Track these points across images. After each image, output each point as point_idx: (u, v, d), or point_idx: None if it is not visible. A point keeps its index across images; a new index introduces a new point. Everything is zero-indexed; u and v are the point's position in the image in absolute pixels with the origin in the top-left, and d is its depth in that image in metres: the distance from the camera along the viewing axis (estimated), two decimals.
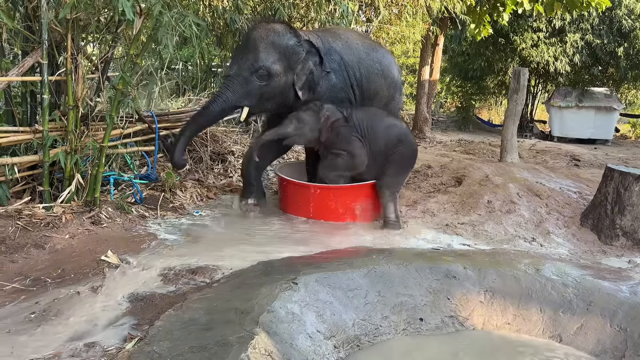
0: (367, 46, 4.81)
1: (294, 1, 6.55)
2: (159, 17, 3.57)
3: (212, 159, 5.89)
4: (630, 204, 4.19)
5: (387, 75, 4.87)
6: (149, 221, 4.17)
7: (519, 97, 6.95)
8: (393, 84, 4.95)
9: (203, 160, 5.70)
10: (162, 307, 2.69)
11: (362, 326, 2.87)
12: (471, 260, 3.42)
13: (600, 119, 14.96)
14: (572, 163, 9.55)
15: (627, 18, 13.63)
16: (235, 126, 6.84)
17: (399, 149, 4.47)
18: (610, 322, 2.87)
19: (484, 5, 11.06)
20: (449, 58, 18.33)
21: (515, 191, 4.87)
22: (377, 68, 4.76)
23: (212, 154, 5.91)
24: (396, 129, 4.56)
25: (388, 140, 4.45)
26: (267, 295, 2.66)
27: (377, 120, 4.53)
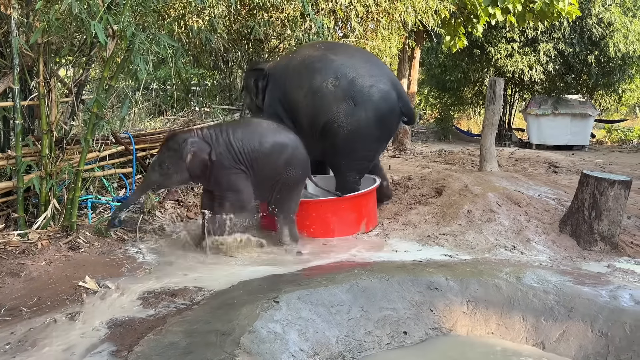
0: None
1: (269, 19, 6.59)
2: (132, 39, 3.55)
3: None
4: (607, 209, 4.25)
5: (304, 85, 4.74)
6: (128, 244, 4.12)
7: (496, 107, 7.04)
8: (311, 91, 4.67)
9: None
10: (142, 332, 2.64)
11: (345, 342, 2.84)
12: (453, 271, 3.42)
13: (576, 126, 15.23)
14: (551, 170, 9.68)
15: (597, 27, 13.95)
16: None
17: (288, 171, 4.07)
18: (592, 327, 2.88)
19: (458, 18, 11.24)
20: (426, 70, 18.58)
21: (495, 200, 4.91)
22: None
23: None
24: (283, 148, 4.05)
25: (275, 164, 4.02)
26: (248, 315, 2.63)
27: (261, 138, 4.00)
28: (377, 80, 4.67)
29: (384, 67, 5.04)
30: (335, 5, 6.95)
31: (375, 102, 4.60)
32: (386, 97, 4.65)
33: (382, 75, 4.74)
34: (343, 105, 4.59)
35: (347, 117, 4.58)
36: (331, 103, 4.60)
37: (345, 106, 4.59)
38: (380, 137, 4.84)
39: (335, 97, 4.61)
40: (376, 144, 4.88)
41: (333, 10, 7.18)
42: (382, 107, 4.62)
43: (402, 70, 12.82)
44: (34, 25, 3.68)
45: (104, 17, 3.38)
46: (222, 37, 6.26)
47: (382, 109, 4.62)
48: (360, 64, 4.73)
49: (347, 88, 4.59)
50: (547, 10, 10.31)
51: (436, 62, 17.11)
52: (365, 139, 4.68)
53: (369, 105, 4.58)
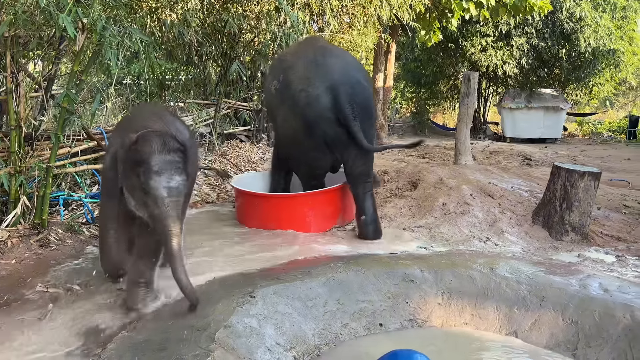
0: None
1: (243, 13, 6.54)
2: (103, 33, 3.48)
3: None
4: (577, 200, 4.33)
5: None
6: None
7: (470, 101, 7.12)
8: (265, 92, 4.55)
9: None
10: (115, 329, 2.61)
11: (322, 335, 2.85)
12: (428, 263, 3.46)
13: (549, 119, 15.50)
14: (524, 162, 9.85)
15: (569, 21, 14.19)
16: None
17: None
18: (562, 315, 2.94)
19: (432, 12, 11.33)
20: (402, 65, 18.68)
21: (469, 193, 4.97)
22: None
23: None
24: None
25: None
26: (223, 310, 2.62)
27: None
28: (309, 83, 4.16)
29: (332, 67, 4.26)
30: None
31: (301, 108, 4.17)
32: (312, 103, 4.12)
33: (317, 78, 4.17)
34: (280, 111, 4.44)
35: (283, 123, 4.41)
36: (274, 107, 4.54)
37: (282, 111, 4.41)
38: (316, 147, 4.25)
39: (276, 101, 4.48)
40: (313, 153, 4.32)
41: (308, 4, 7.17)
42: (307, 114, 4.15)
43: (378, 65, 12.88)
44: (0, 18, 3.58)
45: (73, 10, 3.30)
46: (195, 31, 6.19)
47: (307, 115, 4.16)
48: (305, 64, 4.32)
49: (283, 92, 4.37)
50: (520, 5, 10.47)
51: (412, 57, 17.22)
52: (300, 147, 4.37)
53: (297, 111, 4.21)
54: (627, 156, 11.91)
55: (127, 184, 2.58)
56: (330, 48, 4.63)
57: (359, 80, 4.26)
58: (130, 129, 2.65)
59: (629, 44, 16.60)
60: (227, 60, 7.29)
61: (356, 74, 4.32)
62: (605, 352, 2.69)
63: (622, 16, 16.27)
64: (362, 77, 4.38)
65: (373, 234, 4.29)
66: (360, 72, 4.46)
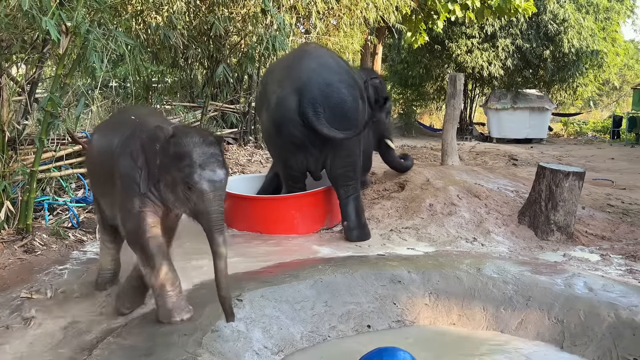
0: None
1: (229, 15, 6.53)
2: (87, 36, 3.45)
3: None
4: (562, 200, 4.38)
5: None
6: (87, 245, 4.02)
7: (456, 102, 7.14)
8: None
9: None
10: (101, 335, 2.59)
11: (310, 338, 2.85)
12: (415, 264, 3.47)
13: (534, 119, 15.64)
14: (511, 163, 9.92)
15: (553, 23, 14.35)
16: None
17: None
18: (548, 315, 2.97)
19: (418, 14, 11.39)
20: (388, 66, 18.76)
21: (456, 193, 4.99)
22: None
23: None
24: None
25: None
26: (210, 314, 2.61)
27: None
28: (279, 86, 4.31)
29: (303, 70, 4.32)
30: (297, 1, 6.94)
31: (271, 110, 4.32)
32: (279, 104, 4.23)
33: (288, 81, 4.28)
34: (261, 113, 4.66)
35: (261, 124, 4.72)
36: (257, 110, 4.81)
37: (262, 113, 4.62)
38: (284, 146, 4.37)
39: (259, 103, 4.81)
40: (284, 153, 4.44)
41: (294, 6, 7.17)
42: (275, 115, 4.29)
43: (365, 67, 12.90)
44: None
45: (56, 13, 3.28)
46: (181, 34, 6.16)
47: (275, 116, 4.29)
48: (281, 68, 4.51)
49: (262, 95, 4.61)
50: (504, 7, 10.56)
51: (398, 58, 17.29)
52: (274, 148, 4.66)
53: (269, 113, 4.35)
54: (611, 156, 12.05)
55: (166, 179, 2.46)
56: (311, 52, 4.57)
57: (330, 82, 4.24)
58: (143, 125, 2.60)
59: (612, 45, 16.83)
60: (214, 62, 7.28)
61: (329, 76, 4.29)
62: (590, 350, 2.72)
63: (605, 17, 16.50)
64: (337, 79, 4.30)
65: (357, 239, 4.30)
66: (336, 74, 4.36)
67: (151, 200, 2.54)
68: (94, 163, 2.93)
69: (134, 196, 2.51)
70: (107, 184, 2.70)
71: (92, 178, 2.95)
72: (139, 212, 2.53)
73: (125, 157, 2.54)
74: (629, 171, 9.24)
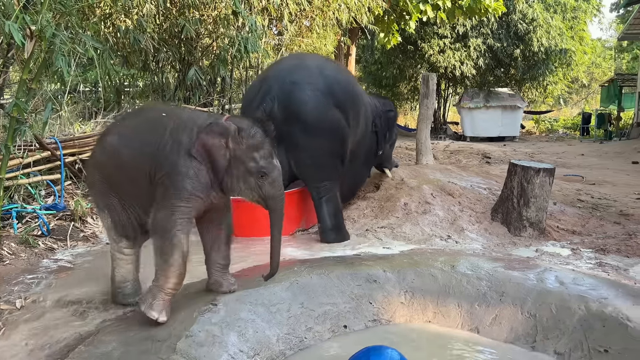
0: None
1: (200, 17, 6.47)
2: (53, 40, 3.39)
3: None
4: (534, 196, 4.45)
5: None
6: (58, 253, 3.94)
7: (430, 101, 7.22)
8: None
9: None
10: (72, 344, 2.54)
11: (286, 340, 2.83)
12: (390, 263, 3.48)
13: (507, 117, 15.89)
14: (484, 161, 10.05)
15: (522, 22, 14.60)
16: None
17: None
18: (521, 309, 3.01)
19: (391, 15, 11.45)
20: (362, 67, 18.84)
21: (430, 192, 5.04)
22: None
23: None
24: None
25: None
26: (185, 319, 2.58)
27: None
28: (251, 90, 4.65)
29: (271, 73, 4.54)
30: (268, 3, 6.92)
31: (242, 112, 4.67)
32: (246, 106, 4.59)
33: (257, 84, 4.58)
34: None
35: None
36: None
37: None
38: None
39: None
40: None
41: (266, 8, 7.14)
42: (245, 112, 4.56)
43: None
44: None
45: (20, 17, 3.20)
46: (151, 37, 6.09)
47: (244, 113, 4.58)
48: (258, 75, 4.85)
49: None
50: (475, 7, 10.69)
51: (372, 59, 17.40)
52: None
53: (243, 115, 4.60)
54: (581, 152, 12.31)
55: (238, 170, 2.60)
56: (288, 57, 4.68)
57: (296, 82, 4.26)
58: (193, 122, 2.63)
59: (580, 43, 17.20)
60: (185, 65, 7.20)
61: (300, 77, 4.31)
62: (562, 343, 2.76)
63: (573, 17, 16.86)
64: (307, 81, 4.31)
65: (333, 240, 4.31)
66: (312, 77, 4.36)
67: (201, 197, 2.59)
68: (118, 164, 2.76)
69: (186, 194, 2.55)
70: (139, 184, 2.69)
71: (113, 180, 2.80)
72: (188, 212, 2.58)
73: (180, 156, 2.56)
74: (598, 167, 9.46)
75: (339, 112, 4.36)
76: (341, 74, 4.87)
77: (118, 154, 2.75)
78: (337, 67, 5.05)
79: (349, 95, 4.56)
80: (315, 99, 4.27)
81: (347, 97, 4.52)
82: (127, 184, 2.77)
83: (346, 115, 4.41)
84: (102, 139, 2.94)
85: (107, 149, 2.82)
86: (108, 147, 2.82)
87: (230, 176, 2.61)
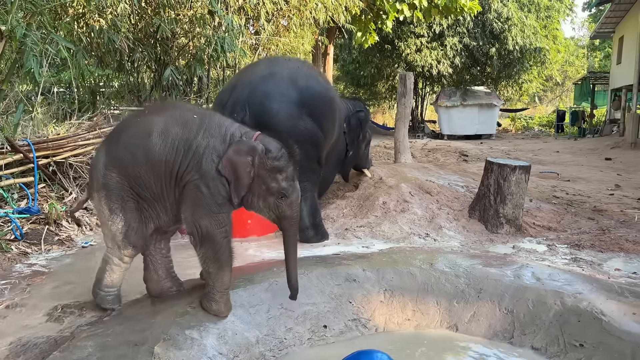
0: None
1: (176, 17, 6.40)
2: (23, 40, 3.32)
3: None
4: (510, 193, 4.50)
5: None
6: (32, 258, 3.86)
7: (407, 100, 7.25)
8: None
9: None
10: (47, 350, 2.48)
11: (266, 342, 2.82)
12: (370, 262, 3.49)
13: (483, 115, 16.07)
14: (461, 158, 10.15)
15: (497, 21, 14.77)
16: None
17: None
18: (499, 306, 3.05)
19: (368, 14, 11.49)
20: (340, 66, 18.88)
21: (408, 190, 5.06)
22: None
23: None
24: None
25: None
26: (162, 322, 2.55)
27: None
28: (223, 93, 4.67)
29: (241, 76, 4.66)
30: (244, 2, 6.88)
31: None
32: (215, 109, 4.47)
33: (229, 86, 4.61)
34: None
35: None
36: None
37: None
38: None
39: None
40: None
41: (242, 7, 7.10)
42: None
43: (317, 67, 12.92)
44: None
45: None
46: (126, 37, 6.01)
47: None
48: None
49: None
50: (451, 6, 10.79)
51: (349, 58, 17.44)
52: None
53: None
54: (556, 149, 12.52)
55: (259, 189, 2.70)
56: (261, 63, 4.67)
57: (264, 92, 4.25)
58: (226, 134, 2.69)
59: (553, 42, 17.50)
60: (161, 65, 7.12)
61: (265, 87, 4.29)
62: (538, 338, 2.81)
63: (546, 16, 17.13)
64: (276, 91, 4.28)
65: (312, 240, 4.30)
66: (274, 86, 4.32)
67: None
68: (144, 160, 2.69)
69: (221, 200, 2.63)
70: (165, 181, 2.69)
71: (136, 178, 2.72)
72: (227, 216, 2.68)
73: (214, 163, 2.61)
74: (573, 163, 9.63)
75: (311, 121, 4.33)
76: (314, 80, 4.80)
77: (146, 149, 2.68)
78: (310, 73, 4.97)
79: (321, 103, 4.53)
80: (287, 109, 4.24)
81: (320, 105, 4.49)
82: (153, 181, 2.72)
83: (319, 123, 4.39)
84: (118, 136, 2.84)
85: (131, 145, 2.73)
86: (131, 143, 2.74)
87: (252, 193, 2.71)
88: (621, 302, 2.83)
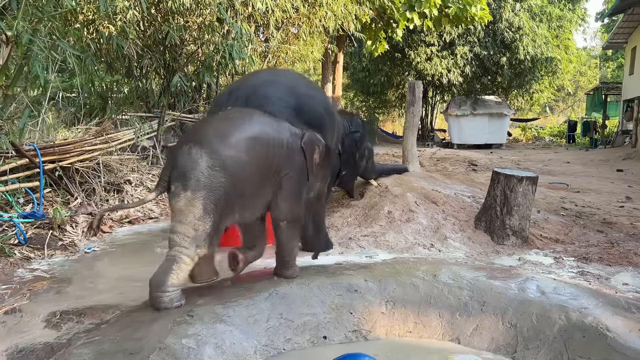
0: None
1: (185, 24, 6.43)
2: (29, 46, 3.33)
3: (107, 190, 5.59)
4: (517, 204, 4.44)
5: None
6: (34, 263, 3.87)
7: (416, 109, 7.20)
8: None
9: (96, 192, 5.39)
10: (44, 357, 2.47)
11: (264, 352, 2.79)
12: (372, 272, 3.45)
13: (493, 125, 15.97)
14: (470, 168, 10.07)
15: (508, 30, 14.71)
16: (131, 154, 6.55)
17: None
18: (502, 319, 2.99)
19: (378, 23, 11.49)
20: (350, 74, 18.89)
21: (414, 200, 5.02)
22: None
23: (106, 184, 5.61)
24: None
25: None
26: (159, 331, 2.52)
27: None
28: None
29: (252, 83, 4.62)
30: (254, 10, 6.90)
31: None
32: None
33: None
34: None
35: None
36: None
37: None
38: None
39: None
40: None
41: (252, 15, 7.12)
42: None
43: (326, 75, 12.95)
44: None
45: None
46: (135, 43, 6.04)
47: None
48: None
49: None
50: (461, 15, 10.76)
51: (360, 66, 17.45)
52: None
53: None
54: (566, 159, 12.39)
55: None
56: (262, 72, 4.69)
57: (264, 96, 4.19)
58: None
59: (565, 52, 17.38)
60: (170, 72, 7.16)
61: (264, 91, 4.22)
62: (542, 353, 2.74)
63: (558, 26, 17.03)
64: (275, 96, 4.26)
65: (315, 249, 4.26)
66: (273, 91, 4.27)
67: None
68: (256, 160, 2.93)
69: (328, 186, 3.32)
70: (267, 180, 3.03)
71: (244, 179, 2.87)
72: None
73: (300, 155, 3.22)
74: (583, 174, 9.51)
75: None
76: (314, 92, 4.78)
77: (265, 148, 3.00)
78: (311, 85, 4.95)
79: (319, 114, 4.50)
80: (285, 115, 4.23)
81: (317, 116, 4.46)
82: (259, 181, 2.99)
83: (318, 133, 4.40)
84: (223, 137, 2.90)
85: (243, 145, 2.89)
86: (242, 142, 2.90)
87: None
88: (627, 317, 2.76)
